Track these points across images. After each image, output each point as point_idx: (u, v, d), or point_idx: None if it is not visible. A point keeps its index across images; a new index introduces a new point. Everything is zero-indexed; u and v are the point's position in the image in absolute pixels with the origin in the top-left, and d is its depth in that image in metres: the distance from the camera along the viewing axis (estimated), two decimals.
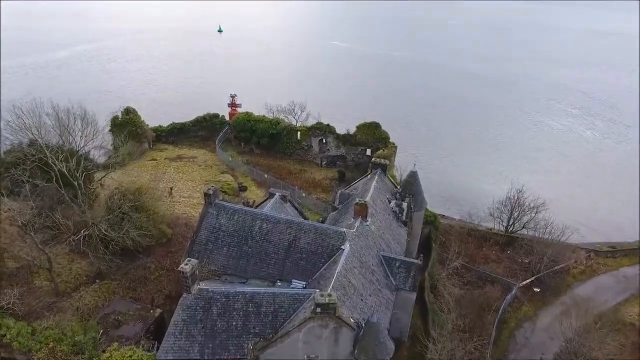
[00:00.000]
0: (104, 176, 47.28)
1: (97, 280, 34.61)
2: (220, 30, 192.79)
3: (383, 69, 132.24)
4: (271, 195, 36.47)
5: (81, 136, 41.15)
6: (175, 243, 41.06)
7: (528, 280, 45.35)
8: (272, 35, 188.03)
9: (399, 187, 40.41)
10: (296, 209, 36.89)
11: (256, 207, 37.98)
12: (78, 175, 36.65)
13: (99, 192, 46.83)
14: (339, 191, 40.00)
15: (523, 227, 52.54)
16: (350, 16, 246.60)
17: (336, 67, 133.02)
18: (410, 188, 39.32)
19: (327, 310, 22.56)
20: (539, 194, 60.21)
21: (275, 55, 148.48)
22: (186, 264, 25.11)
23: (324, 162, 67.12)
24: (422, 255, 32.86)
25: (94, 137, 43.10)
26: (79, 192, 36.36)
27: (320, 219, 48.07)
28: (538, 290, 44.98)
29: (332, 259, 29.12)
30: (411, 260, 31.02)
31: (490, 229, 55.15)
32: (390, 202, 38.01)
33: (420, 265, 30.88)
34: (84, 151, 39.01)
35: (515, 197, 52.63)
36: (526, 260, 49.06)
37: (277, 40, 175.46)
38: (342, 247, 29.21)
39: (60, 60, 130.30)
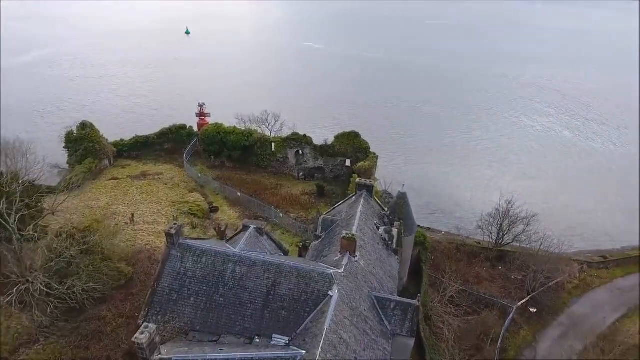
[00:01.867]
0: (53, 204, 41.58)
1: (41, 340, 29.36)
2: (187, 32, 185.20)
3: (359, 72, 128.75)
4: (245, 228, 32.07)
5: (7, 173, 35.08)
6: (136, 283, 36.12)
7: (524, 301, 42.67)
8: (243, 37, 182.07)
9: (386, 209, 36.75)
10: (274, 242, 32.68)
11: (228, 240, 33.52)
12: (11, 219, 30.61)
13: (49, 225, 41.16)
14: (321, 217, 35.99)
15: (514, 240, 49.98)
16: (324, 16, 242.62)
17: (311, 71, 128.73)
18: (399, 211, 35.74)
19: None
20: (526, 202, 58.31)
21: (246, 59, 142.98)
22: (142, 332, 20.54)
23: (301, 175, 63.07)
24: (419, 295, 29.21)
25: (27, 172, 37.14)
26: (14, 236, 30.74)
27: (301, 244, 44.12)
28: (534, 310, 42.37)
29: (318, 308, 25.08)
30: (408, 301, 27.35)
31: (479, 243, 52.45)
32: (378, 229, 34.29)
33: (419, 306, 27.24)
34: (20, 186, 33.18)
35: (505, 209, 49.99)
36: (519, 277, 46.51)
37: (248, 42, 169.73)
38: (330, 293, 25.22)
39: (19, 66, 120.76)
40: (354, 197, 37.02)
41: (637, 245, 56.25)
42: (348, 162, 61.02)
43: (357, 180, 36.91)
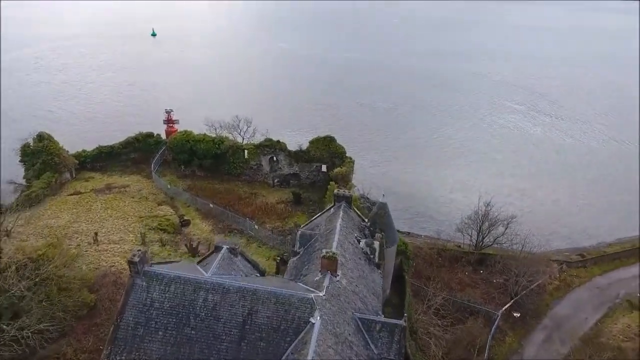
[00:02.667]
0: (7, 225, 38.06)
1: None
2: (153, 34, 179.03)
3: (332, 73, 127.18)
4: (217, 248, 29.80)
5: None
6: (100, 311, 33.24)
7: (507, 306, 42.08)
8: (212, 37, 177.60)
9: (366, 220, 35.20)
10: (249, 262, 30.57)
11: (199, 261, 31.16)
12: None
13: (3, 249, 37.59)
14: (299, 231, 34.10)
15: (494, 242, 49.54)
16: (292, 16, 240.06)
17: (283, 72, 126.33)
18: (380, 222, 34.26)
19: None
20: (504, 202, 58.43)
21: (216, 61, 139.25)
22: None
23: (276, 182, 60.95)
24: (405, 316, 27.73)
25: None
26: None
27: (278, 258, 42.15)
28: (518, 315, 41.84)
29: (299, 337, 23.21)
30: (394, 322, 25.84)
31: (460, 246, 51.82)
32: (359, 242, 32.68)
33: (406, 327, 25.78)
34: None
35: (484, 212, 49.46)
36: (501, 280, 45.99)
37: (218, 44, 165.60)
38: (312, 319, 23.36)
39: None
40: (332, 209, 35.30)
41: (611, 242, 57.14)
42: (324, 168, 59.25)
43: (335, 191, 35.20)
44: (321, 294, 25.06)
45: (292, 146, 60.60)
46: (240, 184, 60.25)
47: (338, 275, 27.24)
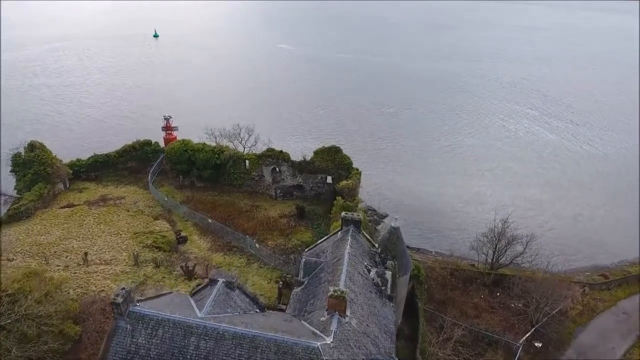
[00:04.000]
0: None
1: None
2: (156, 35, 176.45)
3: (335, 75, 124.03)
4: (212, 282, 26.82)
5: None
6: (86, 345, 30.37)
7: (528, 334, 38.90)
8: (214, 39, 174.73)
9: (377, 246, 32.14)
10: (248, 296, 27.60)
11: (194, 293, 28.23)
12: None
13: None
14: (304, 259, 31.11)
15: (511, 262, 46.35)
16: (291, 16, 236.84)
17: (284, 75, 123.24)
18: (392, 248, 31.21)
19: None
20: (520, 215, 55.40)
21: (217, 63, 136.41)
22: None
23: (278, 193, 57.94)
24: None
25: None
26: None
27: (280, 281, 39.16)
28: (540, 345, 38.68)
29: None
30: None
31: (474, 265, 48.67)
32: (369, 271, 29.64)
33: None
34: None
35: (501, 229, 46.25)
36: (520, 305, 42.81)
37: (220, 45, 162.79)
38: None
39: None
40: (339, 233, 32.31)
41: (633, 259, 53.76)
42: (329, 179, 56.30)
43: (343, 214, 32.16)
44: (328, 341, 22.06)
45: (295, 156, 57.62)
46: (241, 196, 57.34)
47: (347, 315, 24.23)
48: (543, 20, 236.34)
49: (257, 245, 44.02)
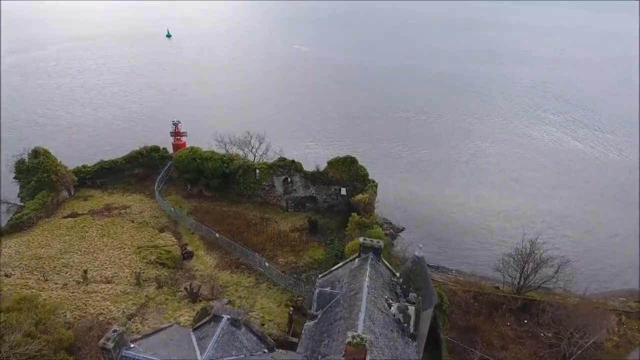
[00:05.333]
0: None
1: None
2: (168, 35, 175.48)
3: (349, 78, 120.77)
4: (216, 318, 24.04)
5: None
6: None
7: None
8: (228, 39, 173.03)
9: (398, 276, 29.10)
10: (255, 334, 24.81)
11: (196, 327, 25.54)
12: None
13: None
14: (317, 290, 28.20)
15: (540, 286, 42.89)
16: (306, 17, 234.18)
17: (298, 78, 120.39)
18: (415, 279, 28.10)
19: None
20: (548, 233, 51.76)
21: (230, 65, 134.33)
22: None
23: (290, 204, 55.18)
24: None
25: None
26: None
27: (291, 307, 36.35)
28: None
29: None
30: None
31: (498, 288, 45.27)
32: (391, 306, 26.61)
33: None
34: None
35: (529, 250, 42.81)
36: (550, 334, 39.37)
37: (233, 45, 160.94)
38: None
39: None
40: (356, 261, 29.31)
41: None
42: (343, 191, 53.38)
43: (362, 240, 29.14)
44: None
45: (308, 165, 54.90)
46: (250, 207, 54.78)
47: None
48: (566, 22, 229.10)
49: (266, 264, 41.26)
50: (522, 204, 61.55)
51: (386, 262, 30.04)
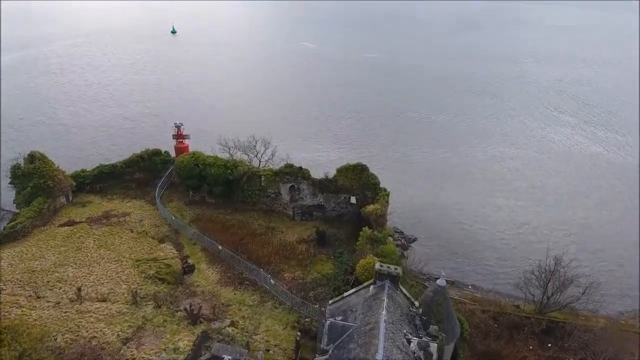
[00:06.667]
0: None
1: None
2: (173, 32, 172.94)
3: (358, 76, 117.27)
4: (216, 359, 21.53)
5: None
6: None
7: None
8: (235, 36, 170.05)
9: (417, 305, 26.39)
10: None
11: None
12: None
13: None
14: (328, 321, 25.56)
15: (565, 307, 40.02)
16: (314, 14, 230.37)
17: (306, 76, 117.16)
18: (436, 311, 25.44)
19: None
20: (574, 249, 48.65)
21: (237, 63, 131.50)
22: None
23: (297, 212, 52.53)
24: None
25: None
26: None
27: (299, 331, 33.72)
28: None
29: None
30: None
31: (518, 307, 42.42)
32: (410, 343, 23.93)
33: None
34: None
35: (552, 267, 39.96)
36: None
37: (240, 42, 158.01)
38: None
39: None
40: (371, 288, 26.73)
41: None
42: (353, 199, 50.63)
43: (378, 266, 26.46)
44: None
45: (316, 171, 52.18)
46: (255, 215, 52.19)
47: None
48: (582, 21, 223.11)
49: (272, 281, 38.65)
50: (543, 214, 58.28)
51: (404, 290, 27.33)
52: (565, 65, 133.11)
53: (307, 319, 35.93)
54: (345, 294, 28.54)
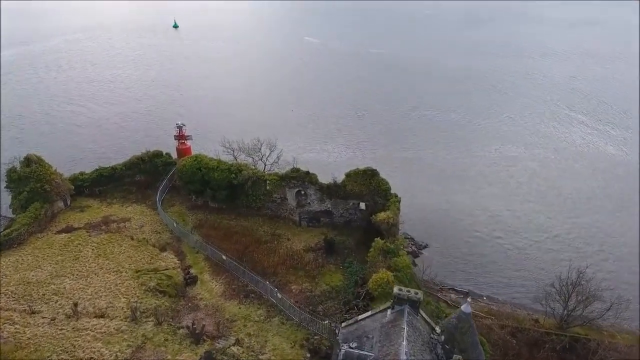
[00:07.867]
0: None
1: None
2: (175, 26, 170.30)
3: (365, 74, 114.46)
4: None
5: None
6: None
7: None
8: (238, 30, 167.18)
9: (439, 332, 24.31)
10: None
11: None
12: None
13: None
14: (343, 350, 23.53)
15: (588, 322, 37.93)
16: (318, 8, 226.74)
17: (310, 73, 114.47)
18: (461, 339, 23.35)
19: None
20: (596, 259, 46.39)
21: (240, 58, 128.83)
22: None
23: (303, 218, 50.41)
24: None
25: None
26: None
27: (308, 355, 31.72)
28: None
29: None
30: None
31: (537, 321, 40.33)
32: None
33: None
34: None
35: (575, 280, 37.79)
36: None
37: (244, 37, 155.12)
38: None
39: None
40: (389, 313, 24.68)
41: None
42: (362, 205, 48.46)
43: (396, 290, 24.34)
44: None
45: (323, 174, 49.80)
46: (260, 221, 50.08)
47: None
48: (595, 16, 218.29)
49: (278, 295, 36.64)
50: (562, 221, 55.79)
51: (424, 315, 25.24)
52: (576, 61, 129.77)
53: (316, 337, 33.94)
54: (360, 317, 26.49)
